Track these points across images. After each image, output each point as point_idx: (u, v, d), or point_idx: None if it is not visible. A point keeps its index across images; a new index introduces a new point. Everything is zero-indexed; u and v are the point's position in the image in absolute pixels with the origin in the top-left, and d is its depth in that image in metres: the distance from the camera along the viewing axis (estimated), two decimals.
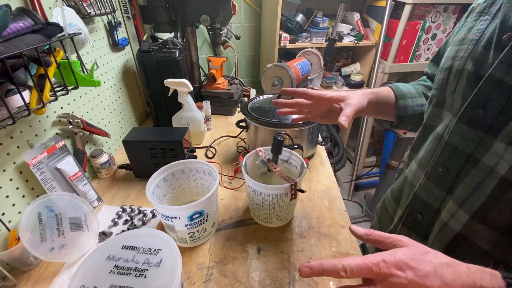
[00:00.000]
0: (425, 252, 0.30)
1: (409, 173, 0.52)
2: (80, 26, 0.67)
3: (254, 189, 0.63)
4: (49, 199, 0.59)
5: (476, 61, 0.39)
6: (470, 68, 0.40)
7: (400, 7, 1.58)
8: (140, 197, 0.79)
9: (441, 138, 0.43)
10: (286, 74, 1.16)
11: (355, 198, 2.16)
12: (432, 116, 0.49)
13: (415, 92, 0.60)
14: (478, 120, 0.38)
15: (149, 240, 0.46)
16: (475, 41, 0.40)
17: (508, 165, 0.34)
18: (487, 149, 0.37)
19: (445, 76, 0.45)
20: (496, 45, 0.37)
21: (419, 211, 0.47)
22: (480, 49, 0.39)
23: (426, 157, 0.47)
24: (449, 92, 0.44)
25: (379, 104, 0.58)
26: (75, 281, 0.40)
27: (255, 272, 0.59)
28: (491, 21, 0.39)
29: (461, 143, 0.40)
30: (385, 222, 0.60)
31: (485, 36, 0.39)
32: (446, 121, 0.44)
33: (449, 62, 0.44)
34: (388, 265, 0.29)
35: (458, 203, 0.40)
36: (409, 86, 0.61)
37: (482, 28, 0.40)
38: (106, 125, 0.93)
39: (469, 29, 0.43)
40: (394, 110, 0.59)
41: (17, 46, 0.48)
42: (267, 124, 0.84)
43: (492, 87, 0.36)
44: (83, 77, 0.67)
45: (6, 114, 0.50)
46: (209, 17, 1.04)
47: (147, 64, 0.97)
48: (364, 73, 1.92)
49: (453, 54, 0.44)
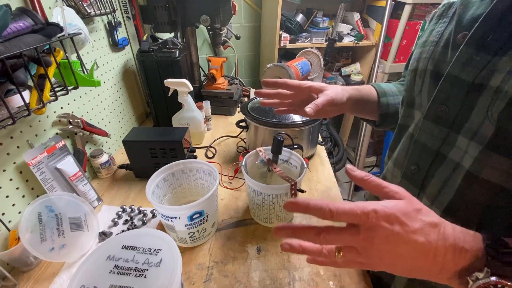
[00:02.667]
0: (419, 209, 0.30)
1: (387, 172, 0.53)
2: (80, 26, 0.67)
3: (254, 189, 0.63)
4: (49, 199, 0.59)
5: (437, 61, 0.41)
6: (432, 68, 0.42)
7: (400, 7, 1.58)
8: (140, 197, 0.79)
9: (412, 137, 0.45)
10: (286, 74, 1.16)
11: (355, 198, 2.16)
12: (404, 116, 0.50)
13: (396, 90, 0.62)
14: (442, 117, 0.39)
15: (149, 240, 0.46)
16: (435, 42, 0.43)
17: (472, 159, 0.35)
18: (452, 144, 0.38)
19: (412, 77, 0.47)
20: (453, 45, 0.39)
21: None
22: (440, 49, 0.41)
23: (400, 156, 0.48)
24: (417, 92, 0.46)
25: (361, 101, 0.59)
26: (75, 281, 0.40)
27: (255, 272, 0.59)
28: (448, 23, 0.42)
29: (429, 140, 0.42)
30: None
31: (443, 37, 0.42)
32: (416, 119, 0.46)
33: (414, 64, 0.46)
34: (378, 216, 0.28)
35: (430, 199, 0.41)
36: (390, 85, 0.63)
37: (441, 30, 0.43)
38: (106, 125, 0.93)
39: (430, 32, 0.45)
40: (376, 108, 0.61)
41: (17, 46, 0.48)
42: (267, 124, 0.84)
43: (451, 84, 0.37)
44: (83, 77, 0.67)
45: (6, 114, 0.50)
46: (209, 17, 1.04)
47: (147, 64, 0.97)
48: (364, 73, 1.92)
49: (417, 56, 0.46)
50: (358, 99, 0.58)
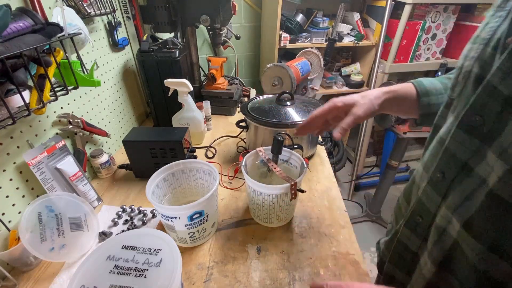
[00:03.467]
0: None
1: (417, 174, 0.51)
2: (80, 26, 0.67)
3: (254, 189, 0.63)
4: (49, 199, 0.59)
5: (483, 63, 0.36)
6: (477, 70, 0.37)
7: (400, 7, 1.58)
8: (140, 197, 0.79)
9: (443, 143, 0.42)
10: (286, 74, 1.16)
11: (355, 198, 2.16)
12: (440, 116, 0.47)
13: (441, 88, 0.55)
14: (476, 128, 0.36)
15: (149, 240, 0.46)
16: (486, 40, 0.37)
17: (497, 177, 0.32)
18: (481, 158, 0.35)
19: (456, 76, 0.42)
20: (502, 48, 0.34)
21: (420, 214, 0.47)
22: (489, 50, 0.36)
23: (429, 160, 0.46)
24: (456, 93, 0.42)
25: (398, 102, 0.55)
26: (75, 281, 0.40)
27: (255, 272, 0.59)
28: (505, 18, 0.35)
29: (458, 149, 0.39)
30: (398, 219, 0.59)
31: (495, 35, 0.36)
32: (448, 123, 0.42)
33: (461, 61, 0.41)
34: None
35: (451, 210, 0.40)
36: (434, 81, 0.56)
37: (495, 26, 0.36)
38: (106, 125, 0.93)
39: (484, 26, 0.39)
40: (416, 108, 0.56)
41: (17, 46, 0.48)
42: (267, 124, 0.84)
43: (489, 94, 0.34)
44: (83, 77, 0.67)
45: (6, 114, 0.50)
46: (209, 17, 1.04)
47: (147, 64, 0.97)
48: (364, 73, 1.92)
49: (466, 53, 0.41)
50: (393, 101, 0.55)
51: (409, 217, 0.49)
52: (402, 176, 2.32)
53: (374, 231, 1.88)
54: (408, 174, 2.34)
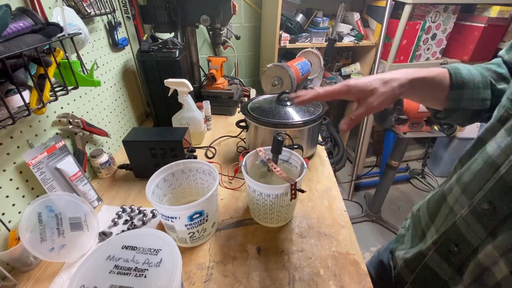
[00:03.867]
0: None
1: (450, 195, 0.44)
2: (80, 26, 0.67)
3: (254, 189, 0.63)
4: (49, 199, 0.59)
5: None
6: None
7: (400, 7, 1.58)
8: (140, 197, 0.79)
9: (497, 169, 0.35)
10: (286, 74, 1.16)
11: (355, 198, 2.16)
12: (489, 130, 0.39)
13: (480, 81, 0.45)
14: None
15: (149, 240, 0.46)
16: None
17: None
18: None
19: None
20: None
21: (456, 243, 0.41)
22: None
23: (473, 185, 0.39)
24: None
25: (424, 91, 0.46)
26: (75, 281, 0.40)
27: (255, 272, 0.59)
28: None
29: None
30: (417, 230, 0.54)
31: None
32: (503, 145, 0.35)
33: None
34: None
35: (500, 251, 0.34)
36: (474, 71, 0.46)
37: None
38: (106, 125, 0.93)
39: None
40: (444, 99, 0.46)
41: (17, 46, 0.48)
42: (267, 124, 0.84)
43: None
44: (83, 77, 0.67)
45: (6, 114, 0.50)
46: (209, 17, 1.04)
47: (147, 64, 0.97)
48: (364, 73, 1.92)
49: None
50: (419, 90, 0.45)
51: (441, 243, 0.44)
52: (402, 176, 2.33)
53: (374, 231, 1.88)
54: (408, 174, 2.34)
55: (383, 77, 0.43)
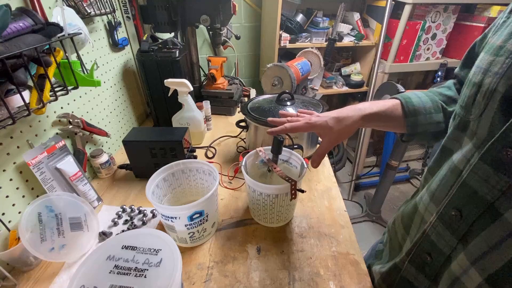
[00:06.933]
0: None
1: (421, 203, 0.44)
2: (80, 26, 0.67)
3: (254, 189, 0.63)
4: (49, 199, 0.59)
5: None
6: (503, 90, 0.30)
7: (400, 7, 1.58)
8: (140, 197, 0.79)
9: (459, 174, 0.35)
10: (286, 74, 1.16)
11: (355, 198, 2.16)
12: (451, 139, 0.40)
13: (431, 106, 0.50)
14: (507, 163, 0.29)
15: (149, 240, 0.46)
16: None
17: None
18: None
19: (472, 94, 0.35)
20: None
21: (428, 252, 0.41)
22: None
23: (439, 191, 0.39)
24: (474, 115, 0.35)
25: (381, 122, 0.52)
26: (75, 281, 0.40)
27: (255, 272, 0.59)
28: None
29: (481, 187, 0.32)
30: (394, 244, 0.54)
31: None
32: (465, 151, 0.36)
33: (479, 77, 0.34)
34: None
35: (471, 259, 0.33)
36: (424, 98, 0.51)
37: None
38: (106, 125, 0.93)
39: (509, 34, 0.32)
40: (403, 125, 0.51)
41: (17, 46, 0.48)
42: (267, 124, 0.83)
43: None
44: (83, 77, 0.67)
45: (6, 114, 0.50)
46: (209, 17, 1.04)
47: (147, 64, 0.97)
48: (364, 73, 1.92)
49: (485, 65, 0.34)
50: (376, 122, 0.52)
51: (414, 253, 0.44)
52: (402, 176, 2.33)
53: (374, 231, 1.88)
54: (408, 174, 2.34)
55: (338, 116, 0.51)
